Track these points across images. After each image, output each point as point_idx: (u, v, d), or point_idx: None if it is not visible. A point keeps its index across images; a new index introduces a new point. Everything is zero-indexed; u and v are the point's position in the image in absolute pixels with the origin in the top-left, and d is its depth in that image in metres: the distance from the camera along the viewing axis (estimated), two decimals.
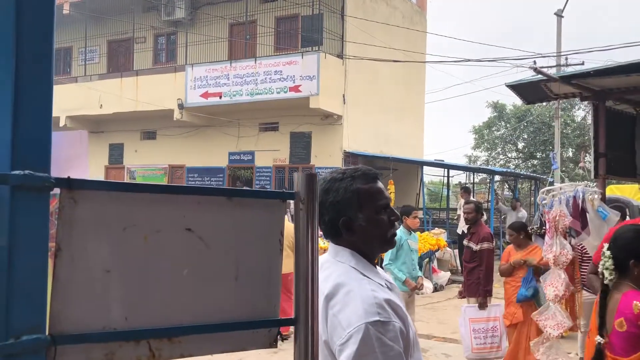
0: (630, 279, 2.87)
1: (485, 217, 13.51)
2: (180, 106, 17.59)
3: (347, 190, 1.79)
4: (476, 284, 6.64)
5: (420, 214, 18.93)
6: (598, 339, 2.89)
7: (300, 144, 17.20)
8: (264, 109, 17.09)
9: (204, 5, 18.73)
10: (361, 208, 1.78)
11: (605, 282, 2.95)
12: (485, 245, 6.64)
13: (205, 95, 17.17)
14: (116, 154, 20.86)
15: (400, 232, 6.95)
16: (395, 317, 1.64)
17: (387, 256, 6.81)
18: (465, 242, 7.14)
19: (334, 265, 1.83)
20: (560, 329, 5.36)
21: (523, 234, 6.44)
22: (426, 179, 25.06)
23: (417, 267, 7.08)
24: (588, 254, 5.82)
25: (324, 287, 1.76)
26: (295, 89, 15.71)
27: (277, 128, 17.55)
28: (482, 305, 6.59)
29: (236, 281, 1.30)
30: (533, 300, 6.09)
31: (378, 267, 1.94)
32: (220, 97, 16.93)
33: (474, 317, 6.57)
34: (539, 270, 6.06)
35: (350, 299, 1.67)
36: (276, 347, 1.38)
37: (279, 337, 1.39)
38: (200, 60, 18.09)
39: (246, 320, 1.30)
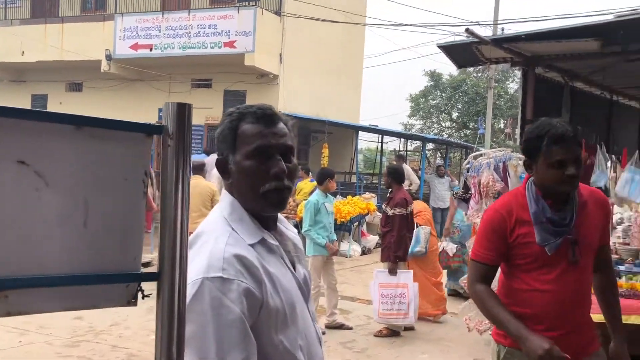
0: None
1: (411, 183, 13.65)
2: (108, 57, 16.77)
3: (227, 127, 1.57)
4: (388, 249, 6.66)
5: (353, 178, 19.01)
6: None
7: (235, 103, 16.72)
8: (197, 64, 16.51)
9: None
10: (235, 149, 1.54)
11: None
12: (398, 210, 6.61)
13: (135, 46, 16.42)
14: (39, 105, 19.79)
15: (316, 195, 6.88)
16: (244, 277, 1.41)
17: (305, 221, 6.72)
18: (383, 206, 7.17)
19: (213, 209, 1.65)
20: None
21: None
22: (362, 144, 25.20)
23: (333, 231, 7.03)
24: None
25: None
26: (230, 44, 15.23)
27: (211, 85, 17.04)
28: (392, 271, 6.62)
29: (85, 227, 1.09)
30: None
31: (286, 229, 1.70)
32: (151, 50, 16.23)
33: (384, 282, 6.60)
34: None
35: (201, 252, 1.47)
36: (135, 305, 1.19)
37: (140, 293, 1.20)
38: (131, 9, 17.21)
39: (97, 273, 1.10)
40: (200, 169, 8.20)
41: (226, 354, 1.38)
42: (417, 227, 7.20)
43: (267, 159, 1.52)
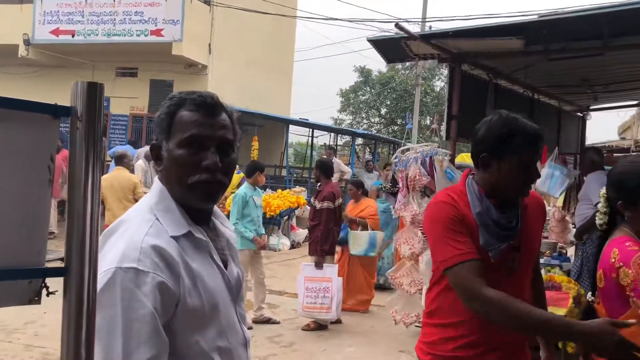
0: (626, 223, 2.24)
1: (337, 177, 13.74)
2: (27, 42, 15.95)
3: (164, 112, 1.48)
4: (315, 243, 6.68)
5: (283, 172, 18.94)
6: (589, 297, 2.49)
7: (161, 93, 16.31)
8: (122, 52, 15.95)
9: None
10: (169, 136, 1.46)
11: (600, 227, 2.38)
12: (326, 204, 6.66)
13: (56, 32, 15.69)
14: None
15: (244, 188, 6.79)
16: (160, 270, 1.32)
17: (232, 214, 6.61)
18: (311, 199, 7.18)
19: (142, 198, 1.56)
20: (416, 287, 5.45)
21: (360, 190, 7.75)
22: (293, 138, 25.11)
23: (262, 224, 6.96)
24: None
25: None
26: (157, 32, 14.80)
27: (136, 74, 16.51)
28: (318, 265, 6.65)
29: None
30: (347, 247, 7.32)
31: (221, 225, 1.61)
32: (73, 36, 15.55)
33: (310, 275, 6.62)
34: (352, 220, 7.38)
35: (118, 240, 1.37)
36: (39, 303, 1.09)
37: (44, 290, 1.10)
38: None
39: None
40: (121, 160, 7.89)
41: (133, 350, 1.29)
42: (370, 229, 7.36)
43: (201, 149, 1.43)
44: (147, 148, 13.86)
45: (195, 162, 1.43)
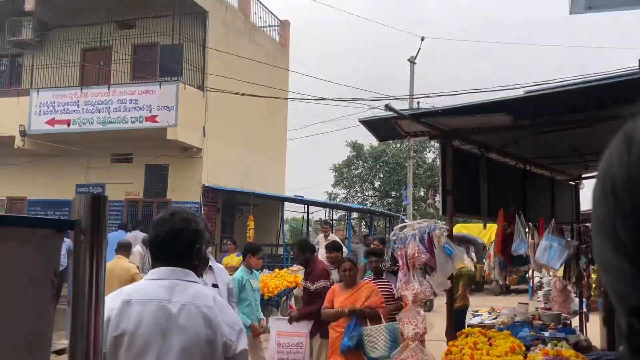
0: None
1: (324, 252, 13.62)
2: (23, 133, 16.16)
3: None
4: (311, 315, 6.28)
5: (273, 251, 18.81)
6: None
7: (156, 177, 16.42)
8: (117, 139, 16.16)
9: (55, 28, 17.55)
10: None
11: None
12: (322, 283, 6.30)
13: (52, 122, 15.93)
14: None
15: (240, 272, 6.58)
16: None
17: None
18: (302, 282, 6.86)
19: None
20: None
21: (355, 269, 5.96)
22: (288, 215, 25.15)
23: (260, 308, 6.74)
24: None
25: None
26: (152, 119, 15.06)
27: (131, 160, 16.67)
28: (291, 319, 6.36)
29: None
30: (359, 352, 5.40)
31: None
32: (69, 125, 15.78)
33: (281, 330, 6.32)
34: (364, 313, 5.50)
35: None
36: None
37: None
38: (49, 84, 16.82)
39: None
40: (124, 249, 7.82)
41: None
42: (384, 322, 5.60)
43: None
44: (143, 234, 13.78)
45: None
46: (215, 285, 4.80)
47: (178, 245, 2.24)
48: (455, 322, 6.49)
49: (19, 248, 1.02)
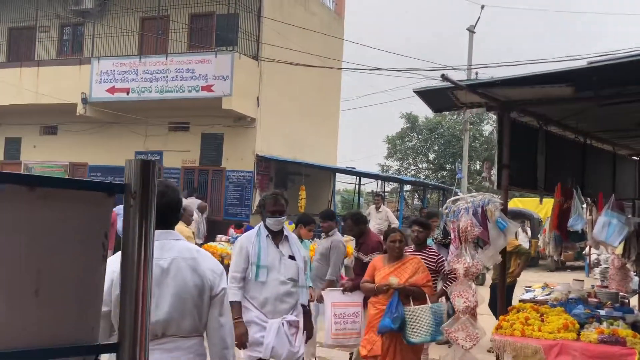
0: None
1: (390, 223, 13.59)
2: (84, 101, 16.66)
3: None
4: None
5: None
6: None
7: (212, 146, 16.70)
8: (174, 108, 16.48)
9: None
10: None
11: None
12: (376, 255, 6.16)
13: (112, 90, 16.36)
14: (12, 148, 19.54)
15: None
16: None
17: None
18: (354, 253, 6.80)
19: None
20: (472, 341, 5.22)
21: (405, 241, 5.56)
22: (339, 186, 25.20)
23: (309, 277, 6.79)
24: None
25: None
26: (208, 88, 15.24)
27: (188, 128, 16.98)
28: (345, 289, 6.29)
29: (36, 297, 1.00)
30: (399, 333, 4.99)
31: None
32: (128, 93, 16.17)
33: (336, 301, 6.25)
34: (407, 291, 5.04)
35: None
36: None
37: None
38: (109, 53, 17.23)
39: (50, 346, 1.00)
40: (184, 215, 8.00)
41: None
42: (429, 302, 5.18)
43: None
44: (198, 201, 14.09)
45: None
46: (292, 257, 4.63)
47: (162, 212, 2.46)
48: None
49: (72, 209, 1.05)
